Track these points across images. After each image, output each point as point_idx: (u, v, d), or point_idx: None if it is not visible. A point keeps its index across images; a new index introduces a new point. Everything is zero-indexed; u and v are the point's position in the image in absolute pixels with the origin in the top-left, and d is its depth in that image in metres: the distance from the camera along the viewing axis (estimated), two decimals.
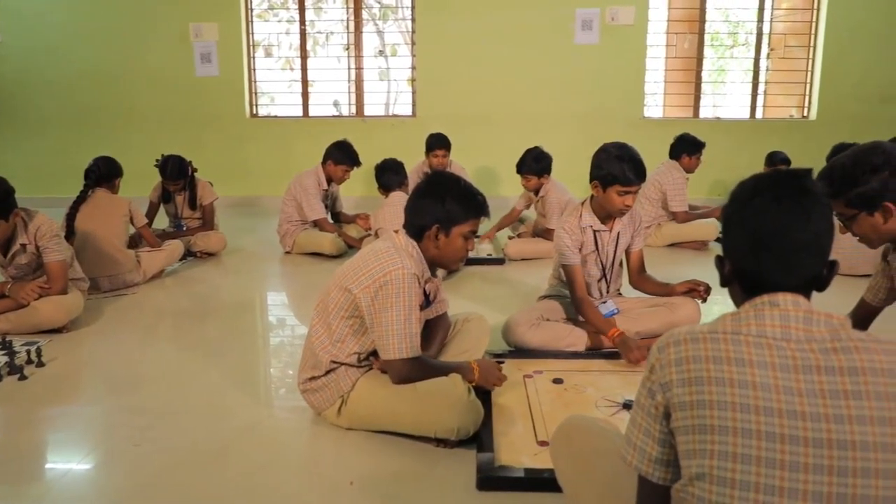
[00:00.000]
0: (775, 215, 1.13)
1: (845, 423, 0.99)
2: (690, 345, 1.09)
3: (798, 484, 0.98)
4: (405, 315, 2.02)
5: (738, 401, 1.02)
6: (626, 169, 2.70)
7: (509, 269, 4.50)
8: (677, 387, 1.08)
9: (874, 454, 0.98)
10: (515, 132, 6.59)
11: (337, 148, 4.82)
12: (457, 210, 2.13)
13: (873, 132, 5.90)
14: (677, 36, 7.14)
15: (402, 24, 7.40)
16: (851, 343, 1.05)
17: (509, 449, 2.00)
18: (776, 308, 1.09)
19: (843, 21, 6.89)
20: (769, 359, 1.04)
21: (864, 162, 1.93)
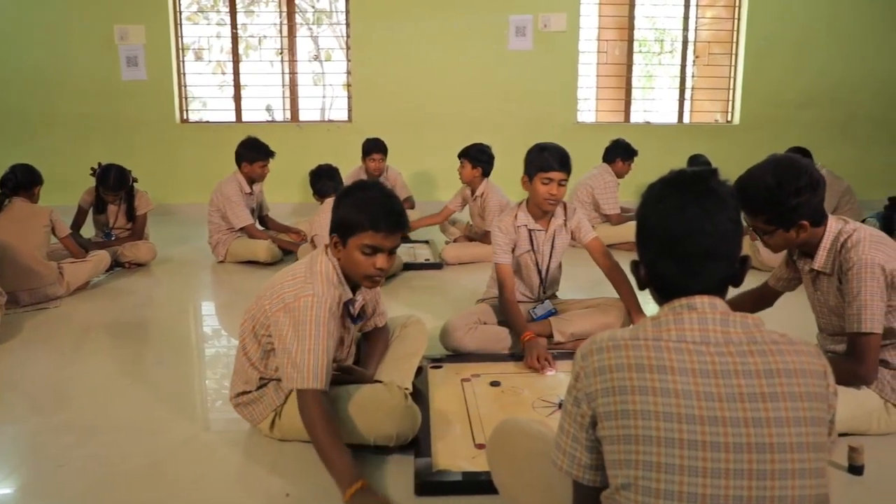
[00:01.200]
0: (678, 220, 1.14)
1: (763, 427, 1.03)
2: (613, 353, 1.10)
3: (720, 490, 1.01)
4: (311, 344, 1.86)
5: (661, 409, 1.04)
6: (548, 157, 2.81)
7: (447, 273, 4.52)
8: (602, 397, 1.09)
9: (790, 455, 1.02)
10: (451, 137, 6.58)
11: (245, 147, 4.74)
12: (351, 218, 1.95)
13: (791, 136, 6.22)
14: (608, 43, 7.34)
15: (337, 29, 7.36)
16: (766, 346, 1.09)
17: (447, 453, 2.01)
18: (694, 311, 1.11)
19: (762, 31, 7.22)
20: (689, 364, 1.06)
21: (789, 184, 2.00)
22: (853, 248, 2.04)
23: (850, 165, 6.66)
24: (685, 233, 1.14)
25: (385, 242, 1.96)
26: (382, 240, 1.95)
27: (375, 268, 1.97)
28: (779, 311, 2.54)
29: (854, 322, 2.03)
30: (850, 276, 2.03)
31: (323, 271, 2.00)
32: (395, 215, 1.97)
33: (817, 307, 2.28)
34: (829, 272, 2.13)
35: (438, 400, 2.38)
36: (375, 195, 1.98)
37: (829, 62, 7.33)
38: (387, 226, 1.94)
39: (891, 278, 2.02)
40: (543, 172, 2.80)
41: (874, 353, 2.04)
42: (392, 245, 1.99)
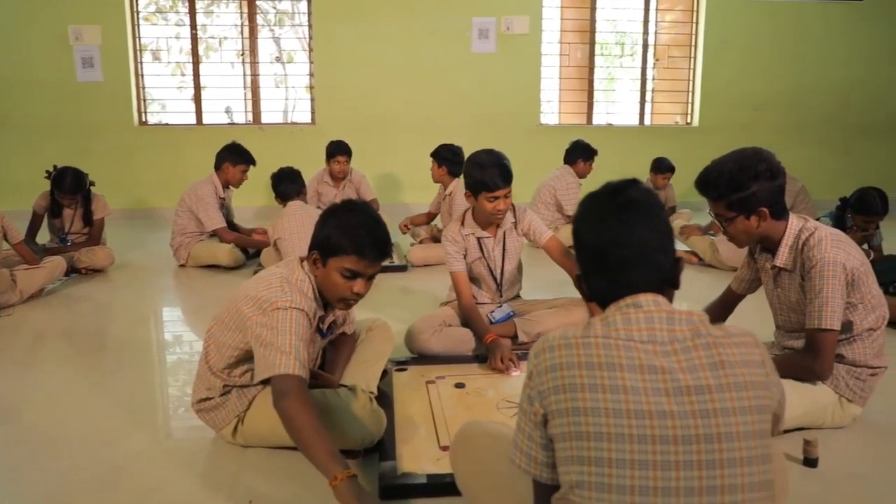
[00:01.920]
0: (598, 233, 1.21)
1: (710, 417, 1.06)
2: (564, 350, 1.13)
3: (671, 482, 1.04)
4: (292, 340, 1.81)
5: (611, 406, 1.06)
6: (491, 175, 2.75)
7: (412, 275, 4.52)
8: (552, 394, 1.11)
9: (738, 444, 1.05)
10: (416, 139, 6.62)
11: (230, 150, 4.72)
12: (335, 239, 1.90)
13: (749, 138, 6.32)
14: (570, 45, 7.42)
15: (299, 31, 7.30)
16: (710, 339, 1.12)
17: (412, 456, 2.00)
18: (640, 309, 1.14)
19: (719, 34, 7.39)
20: (637, 361, 1.09)
21: (749, 169, 2.07)
22: (816, 246, 2.09)
23: (804, 166, 6.82)
24: (605, 245, 1.19)
25: (367, 269, 1.93)
26: (365, 266, 1.92)
27: (353, 292, 1.94)
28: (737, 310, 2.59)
29: (815, 319, 2.07)
30: (813, 274, 2.08)
31: (298, 285, 1.97)
32: (382, 243, 1.93)
33: (776, 304, 2.33)
34: (791, 269, 2.18)
35: (403, 403, 2.37)
36: (363, 220, 1.93)
37: (784, 67, 7.52)
38: (372, 254, 1.91)
39: (851, 276, 2.07)
40: (489, 192, 2.78)
41: (831, 350, 2.10)
42: (373, 271, 1.96)
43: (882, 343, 2.20)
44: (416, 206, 6.83)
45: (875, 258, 4.06)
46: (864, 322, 2.13)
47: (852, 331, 2.14)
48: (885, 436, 2.24)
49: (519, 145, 7.19)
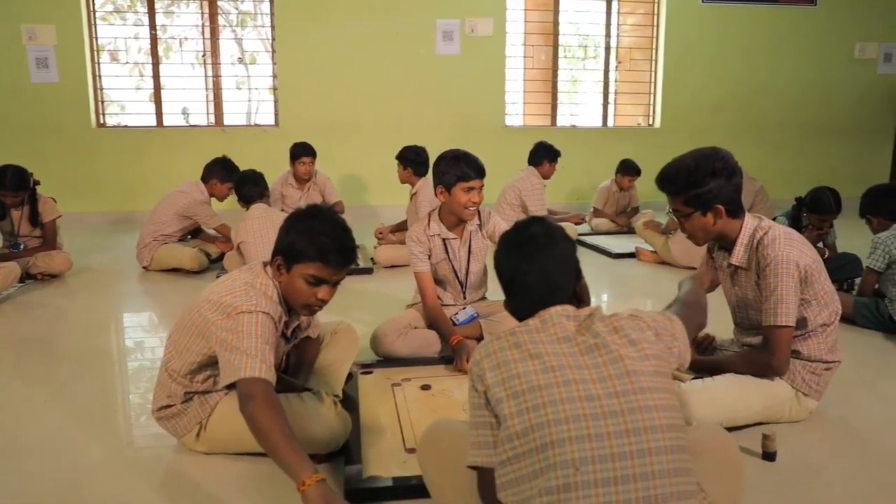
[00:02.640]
0: (504, 265, 1.49)
1: (618, 362, 1.29)
2: (495, 342, 1.37)
3: (596, 409, 1.25)
4: (258, 344, 1.79)
5: (538, 366, 1.29)
6: (465, 165, 2.81)
7: (378, 277, 4.50)
8: (489, 371, 1.33)
9: (644, 377, 1.28)
10: (381, 141, 6.61)
11: (221, 166, 4.72)
12: (299, 245, 1.88)
13: (709, 139, 6.46)
14: (534, 48, 7.48)
15: (262, 32, 7.21)
16: (605, 317, 1.39)
17: (378, 459, 2.00)
18: (551, 312, 1.40)
19: (680, 38, 7.52)
20: (554, 336, 1.35)
21: (706, 166, 2.13)
22: (770, 244, 2.14)
23: (762, 166, 6.98)
24: (510, 275, 1.47)
25: (332, 276, 1.91)
26: (330, 273, 1.90)
27: (317, 298, 1.92)
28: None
29: (770, 315, 2.13)
30: (768, 272, 2.13)
31: (262, 290, 1.94)
32: (347, 250, 1.92)
33: (734, 302, 2.38)
34: (747, 267, 2.23)
35: (369, 405, 2.36)
36: (329, 226, 1.90)
37: (740, 69, 7.69)
38: (337, 261, 1.89)
39: (804, 274, 2.13)
40: (465, 182, 2.81)
41: (787, 346, 2.15)
42: (339, 278, 1.94)
43: (836, 338, 2.26)
44: (381, 209, 6.82)
45: (829, 256, 4.17)
46: (818, 318, 2.19)
47: (807, 327, 2.19)
48: (839, 428, 2.31)
49: (484, 147, 7.17)
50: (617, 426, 1.22)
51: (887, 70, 8.05)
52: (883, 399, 2.56)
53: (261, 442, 1.66)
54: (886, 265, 3.30)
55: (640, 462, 1.20)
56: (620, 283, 4.53)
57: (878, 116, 8.16)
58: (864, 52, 7.94)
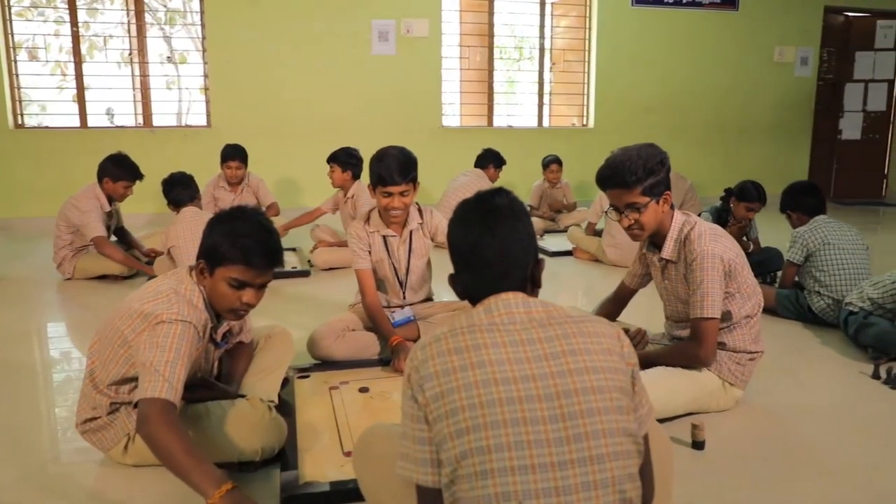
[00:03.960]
0: (464, 236, 1.34)
1: (567, 377, 1.19)
2: (434, 345, 1.23)
3: (541, 434, 1.15)
4: (169, 358, 1.73)
5: (479, 378, 1.17)
6: (387, 167, 2.71)
7: (315, 280, 4.44)
8: (428, 381, 1.20)
9: (593, 396, 1.18)
10: (317, 142, 6.51)
11: (113, 163, 4.31)
12: (222, 248, 1.83)
13: (641, 138, 6.66)
14: (469, 49, 7.53)
15: (192, 30, 7.01)
16: (563, 318, 1.26)
17: (315, 463, 1.97)
18: (500, 300, 1.28)
19: (611, 41, 7.71)
20: (500, 339, 1.22)
21: (654, 156, 2.22)
22: (696, 240, 2.23)
23: (690, 165, 7.24)
24: (471, 245, 1.33)
25: (256, 279, 1.87)
26: (254, 276, 1.85)
27: (242, 302, 1.87)
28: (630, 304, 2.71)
29: (697, 308, 2.21)
30: (695, 267, 2.21)
31: (187, 296, 1.89)
32: (272, 252, 1.87)
33: (665, 296, 2.46)
34: (676, 261, 2.31)
35: (306, 410, 2.33)
36: (252, 228, 1.85)
37: (669, 71, 7.95)
38: (260, 263, 1.84)
39: (728, 267, 2.22)
40: (382, 186, 2.74)
41: (713, 337, 2.23)
42: (264, 281, 1.89)
43: (758, 329, 2.36)
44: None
45: (754, 250, 4.36)
46: (742, 310, 2.28)
47: (731, 319, 2.28)
48: (764, 415, 2.40)
49: (421, 147, 7.16)
50: (562, 455, 1.13)
51: (803, 73, 8.46)
52: (803, 386, 2.69)
53: (163, 462, 1.62)
54: (805, 258, 3.46)
55: (586, 496, 1.13)
56: (558, 281, 4.60)
57: (796, 117, 8.56)
58: (782, 55, 8.32)
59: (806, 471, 2.04)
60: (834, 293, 3.33)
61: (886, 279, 3.04)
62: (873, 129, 8.98)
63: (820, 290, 3.38)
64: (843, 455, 2.13)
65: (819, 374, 2.85)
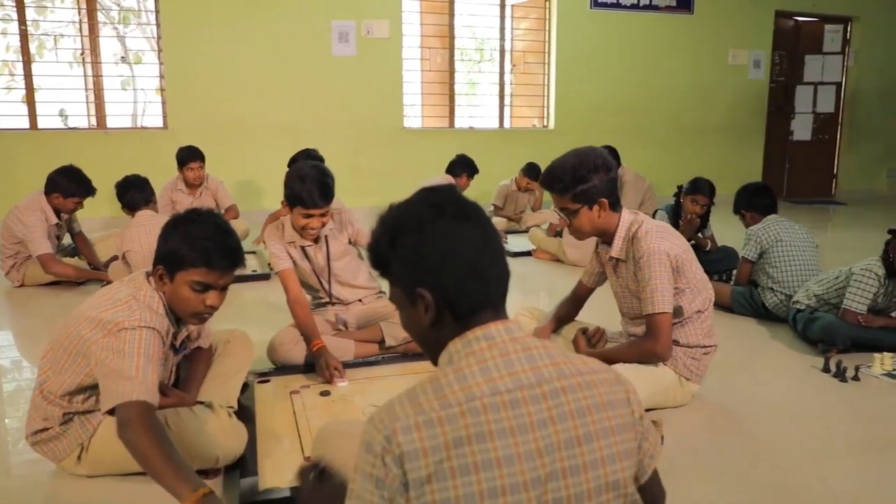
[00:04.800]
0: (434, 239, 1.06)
1: (580, 475, 1.00)
2: (425, 431, 0.95)
3: None
4: (138, 363, 1.71)
5: (485, 486, 0.95)
6: (310, 190, 2.63)
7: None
8: (417, 486, 0.94)
9: (606, 495, 1.02)
10: (277, 143, 6.45)
11: (66, 178, 4.09)
12: (181, 252, 1.80)
13: (601, 139, 6.77)
14: (430, 50, 7.53)
15: (147, 30, 6.87)
16: (574, 379, 1.04)
17: (275, 469, 1.94)
18: (494, 345, 1.03)
19: (570, 43, 7.79)
20: (507, 422, 0.98)
21: (588, 163, 2.25)
22: (643, 237, 2.29)
23: (649, 166, 7.36)
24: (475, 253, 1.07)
25: (219, 280, 1.84)
26: (216, 278, 1.83)
27: (206, 305, 1.85)
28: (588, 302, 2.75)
29: (648, 304, 2.26)
30: (643, 264, 2.27)
31: (147, 302, 1.85)
32: (231, 252, 1.84)
33: (619, 293, 2.50)
34: (626, 259, 2.35)
35: (266, 415, 2.30)
36: (210, 229, 1.83)
37: (628, 73, 8.07)
38: (222, 264, 1.82)
39: (675, 263, 2.27)
40: (304, 208, 2.67)
41: (668, 330, 2.28)
42: (226, 282, 1.87)
43: (711, 324, 2.41)
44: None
45: (711, 248, 4.47)
46: (693, 305, 2.34)
47: (683, 314, 2.34)
48: (719, 410, 2.46)
49: (383, 149, 7.21)
50: None
51: (756, 76, 8.68)
52: (757, 381, 2.76)
53: (142, 466, 1.61)
54: (759, 255, 3.56)
55: None
56: (519, 281, 4.63)
57: (749, 118, 8.78)
58: (736, 58, 8.52)
59: (760, 463, 2.09)
60: (785, 289, 3.43)
61: (830, 276, 3.15)
62: (823, 130, 9.26)
63: (773, 287, 3.48)
64: (796, 447, 2.19)
65: (772, 368, 2.93)
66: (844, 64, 9.12)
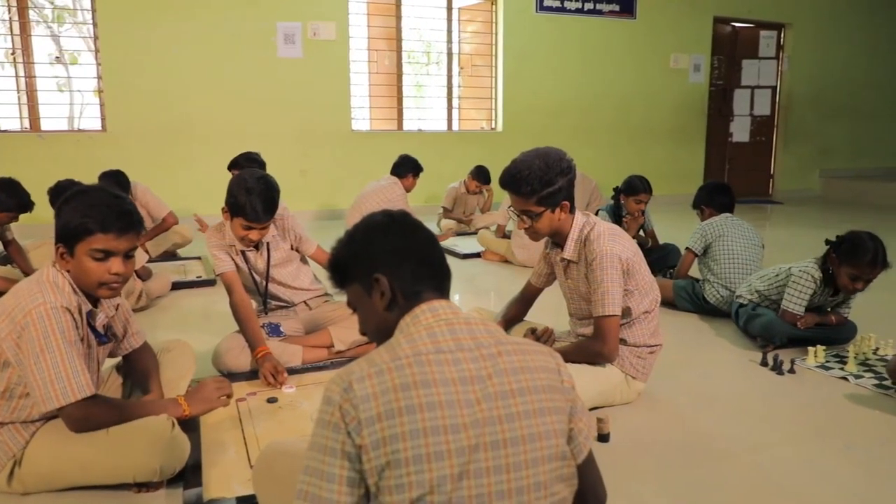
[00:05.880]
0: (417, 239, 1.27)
1: (515, 421, 1.10)
2: (376, 378, 1.08)
3: (483, 488, 1.06)
4: (62, 354, 1.72)
5: (429, 424, 1.05)
6: (254, 204, 2.59)
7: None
8: (368, 425, 1.05)
9: (539, 444, 1.11)
10: (222, 147, 6.29)
11: (4, 192, 3.94)
12: (75, 223, 1.78)
13: (548, 141, 6.85)
14: (378, 52, 7.50)
15: (84, 29, 6.65)
16: (510, 346, 1.17)
17: (220, 479, 1.90)
18: (438, 316, 1.17)
19: (517, 46, 7.88)
20: (449, 373, 1.10)
21: (554, 165, 2.24)
22: (595, 240, 2.30)
23: (596, 167, 7.49)
24: (423, 238, 1.28)
25: (119, 245, 1.82)
26: (115, 242, 1.81)
27: (111, 273, 1.82)
28: (537, 302, 2.78)
29: (598, 306, 2.28)
30: (595, 266, 2.28)
31: (52, 281, 1.82)
32: (126, 214, 1.84)
33: (568, 294, 2.53)
34: (577, 261, 2.37)
35: (212, 424, 2.24)
36: (100, 196, 1.84)
37: (574, 76, 8.21)
38: (117, 225, 1.80)
39: (626, 266, 2.30)
40: (246, 220, 2.63)
41: (615, 333, 2.32)
42: (127, 247, 1.84)
43: (657, 323, 2.46)
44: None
45: (652, 245, 4.58)
46: (640, 306, 2.38)
47: (631, 315, 2.38)
48: (665, 406, 2.51)
49: (331, 152, 7.15)
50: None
51: (697, 79, 8.94)
52: (700, 375, 2.83)
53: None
54: (704, 248, 3.70)
55: None
56: (468, 282, 4.65)
57: (691, 120, 9.04)
58: (677, 62, 8.76)
59: (703, 456, 2.14)
60: (725, 282, 3.56)
61: (771, 273, 3.26)
62: (760, 132, 9.61)
63: (713, 280, 3.60)
64: (737, 439, 2.26)
65: (714, 363, 3.01)
66: (779, 68, 9.48)
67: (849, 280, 2.92)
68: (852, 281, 2.92)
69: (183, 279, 4.35)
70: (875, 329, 3.18)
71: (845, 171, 10.06)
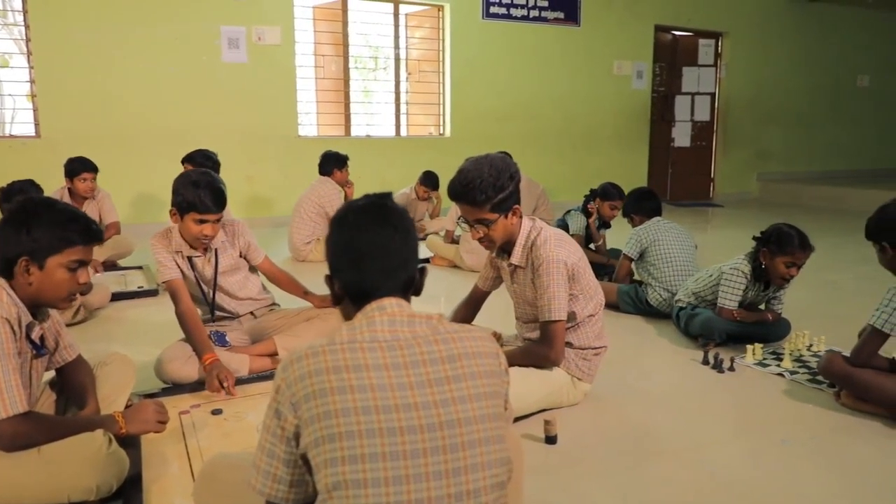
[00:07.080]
0: (362, 240, 1.27)
1: (450, 405, 1.14)
2: (311, 359, 1.14)
3: (420, 468, 1.09)
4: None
5: (360, 404, 1.10)
6: (203, 196, 2.56)
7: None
8: (304, 402, 1.12)
9: (475, 426, 1.14)
10: (164, 153, 6.15)
11: None
12: (49, 238, 1.81)
13: (496, 146, 6.93)
14: (324, 58, 7.44)
15: (14, 30, 6.40)
16: (448, 335, 1.21)
17: (161, 494, 1.85)
18: (384, 313, 1.21)
19: (464, 52, 7.93)
20: (382, 360, 1.14)
21: (504, 171, 2.24)
22: (542, 246, 2.32)
23: (543, 172, 7.61)
24: (369, 248, 1.26)
25: (89, 255, 1.91)
26: (89, 252, 1.91)
27: (79, 283, 1.89)
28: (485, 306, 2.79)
29: (545, 312, 2.30)
30: (541, 272, 2.30)
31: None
32: (94, 223, 1.92)
33: (515, 299, 2.55)
34: (524, 266, 2.39)
35: (153, 438, 2.17)
36: (65, 210, 1.88)
37: (521, 82, 8.31)
38: (90, 238, 1.89)
39: (572, 271, 2.33)
40: (198, 213, 2.59)
41: (562, 338, 2.35)
42: (91, 257, 1.93)
43: (601, 326, 2.51)
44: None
45: (599, 248, 4.69)
46: (585, 310, 2.42)
47: (576, 319, 2.41)
48: (610, 406, 2.56)
49: (278, 157, 7.06)
50: (439, 489, 1.09)
51: (639, 86, 9.17)
52: (644, 375, 2.89)
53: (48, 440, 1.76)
54: (640, 253, 3.79)
55: None
56: None
57: (634, 126, 9.25)
58: (620, 69, 8.96)
59: (648, 454, 2.19)
60: (665, 285, 3.66)
61: (705, 274, 3.38)
62: (700, 137, 9.91)
63: (653, 283, 3.70)
64: (681, 436, 2.31)
65: (658, 363, 3.08)
66: (717, 75, 9.79)
67: (785, 268, 3.04)
68: (788, 268, 3.04)
69: (123, 290, 4.22)
70: (808, 326, 3.31)
71: (781, 175, 10.46)
